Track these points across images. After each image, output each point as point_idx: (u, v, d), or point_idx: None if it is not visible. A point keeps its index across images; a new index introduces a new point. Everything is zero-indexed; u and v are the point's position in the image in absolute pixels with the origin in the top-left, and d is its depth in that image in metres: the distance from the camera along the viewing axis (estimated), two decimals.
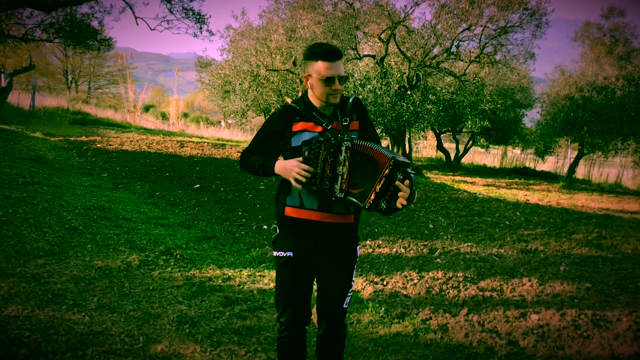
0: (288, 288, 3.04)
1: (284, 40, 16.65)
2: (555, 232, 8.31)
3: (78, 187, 9.10)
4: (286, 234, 3.03)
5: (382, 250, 6.94)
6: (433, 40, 14.05)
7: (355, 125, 3.05)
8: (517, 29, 13.54)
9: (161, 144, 15.31)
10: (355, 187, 2.85)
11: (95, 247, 6.02)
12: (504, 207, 10.14)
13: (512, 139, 21.78)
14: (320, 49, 2.91)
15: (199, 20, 9.84)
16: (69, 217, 6.88)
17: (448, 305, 5.22)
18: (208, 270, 5.70)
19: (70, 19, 10.61)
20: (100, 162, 11.82)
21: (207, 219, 8.11)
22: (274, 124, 3.05)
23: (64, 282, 4.84)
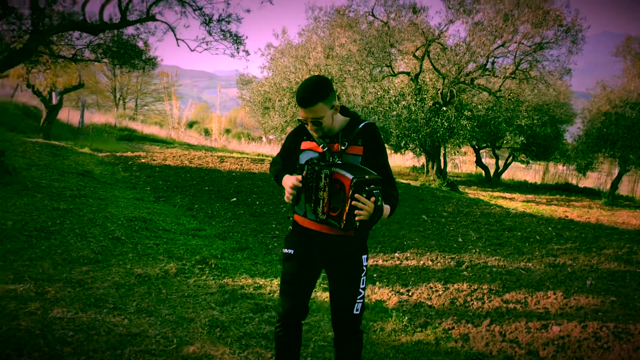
0: (287, 281, 3.33)
1: (322, 58, 17.00)
2: (586, 247, 8.31)
3: (122, 199, 9.56)
4: (293, 235, 3.35)
5: (410, 262, 7.11)
6: (467, 57, 14.18)
7: (358, 150, 3.18)
8: (553, 45, 13.55)
9: (202, 159, 15.78)
10: (334, 210, 3.07)
11: (136, 256, 6.37)
12: (536, 222, 10.15)
13: (554, 155, 21.53)
14: (298, 93, 3.07)
15: (236, 41, 10.26)
16: (112, 227, 7.28)
17: (471, 316, 5.36)
18: (240, 279, 5.98)
19: (117, 40, 11.20)
20: (144, 177, 12.33)
21: (242, 231, 8.43)
22: (289, 140, 3.38)
23: (106, 288, 5.18)
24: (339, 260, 3.27)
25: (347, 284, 3.30)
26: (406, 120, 14.07)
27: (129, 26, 10.03)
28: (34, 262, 5.64)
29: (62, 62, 12.80)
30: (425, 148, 15.68)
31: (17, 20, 8.27)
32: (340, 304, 3.32)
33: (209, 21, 9.97)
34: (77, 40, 10.99)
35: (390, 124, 14.17)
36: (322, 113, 3.10)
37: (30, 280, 5.04)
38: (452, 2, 13.84)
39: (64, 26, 8.77)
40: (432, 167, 16.31)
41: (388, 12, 14.52)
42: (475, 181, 22.14)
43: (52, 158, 12.52)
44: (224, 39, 10.13)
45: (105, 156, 15.26)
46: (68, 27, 8.96)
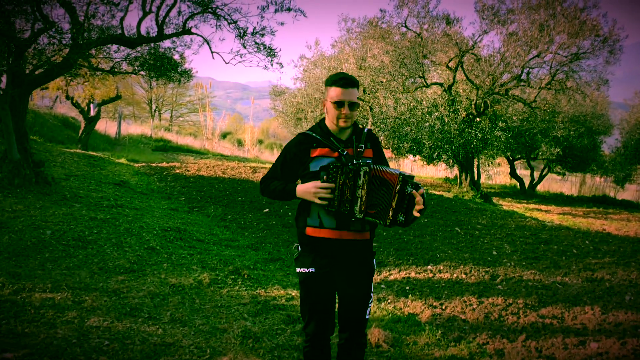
0: (311, 301, 3.31)
1: (354, 69, 17.05)
2: (624, 261, 8.11)
3: (157, 209, 9.71)
4: (307, 252, 3.29)
5: (443, 275, 7.05)
6: (501, 68, 14.04)
7: (369, 153, 3.32)
8: (589, 55, 13.33)
9: (235, 169, 15.93)
10: (372, 207, 3.10)
11: (170, 265, 6.46)
12: (573, 236, 9.95)
13: (591, 166, 21.15)
14: (336, 76, 3.20)
15: (270, 54, 10.35)
16: (147, 237, 7.40)
17: (506, 331, 5.27)
18: (273, 290, 6.01)
19: (154, 53, 11.40)
20: (179, 187, 12.51)
21: (274, 242, 8.47)
22: (292, 151, 3.31)
23: (141, 297, 5.26)
24: (354, 265, 3.30)
25: (362, 289, 3.33)
26: (439, 131, 13.99)
27: (165, 39, 10.22)
28: (72, 270, 5.77)
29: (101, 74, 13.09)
30: (458, 159, 15.55)
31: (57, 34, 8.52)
32: (353, 308, 3.33)
33: (244, 34, 10.10)
34: (115, 53, 11.23)
35: (423, 135, 14.11)
36: (357, 100, 3.22)
37: (68, 289, 5.14)
38: (486, 13, 13.76)
39: (103, 40, 8.99)
40: (466, 178, 16.15)
41: (421, 24, 14.50)
42: (509, 193, 21.83)
43: (89, 168, 12.80)
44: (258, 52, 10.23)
45: (141, 167, 15.53)
46: (107, 40, 9.18)
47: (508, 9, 13.71)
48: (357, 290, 3.32)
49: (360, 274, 3.33)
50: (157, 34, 9.76)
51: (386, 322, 5.33)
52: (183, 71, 12.32)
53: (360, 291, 3.32)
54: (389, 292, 6.31)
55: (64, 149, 15.96)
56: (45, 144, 16.04)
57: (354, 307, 3.33)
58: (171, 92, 48.20)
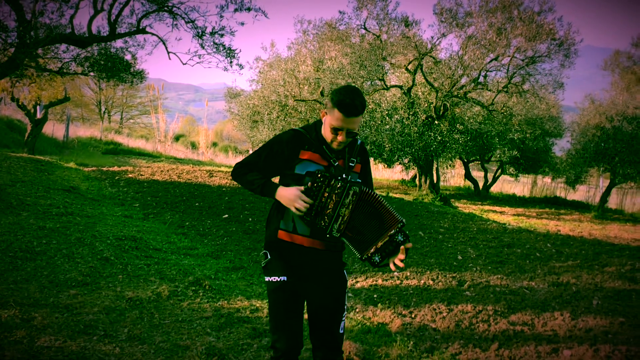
0: (283, 314, 3.06)
1: (312, 71, 16.88)
2: (587, 264, 8.15)
3: (110, 217, 9.27)
4: (277, 258, 3.06)
5: (410, 282, 6.90)
6: (460, 71, 14.08)
7: (358, 168, 3.16)
8: (546, 58, 13.50)
9: (191, 173, 15.51)
10: (353, 231, 2.95)
11: (127, 277, 6.10)
12: (535, 239, 9.99)
13: (542, 168, 21.56)
14: (345, 99, 2.91)
15: (229, 55, 10.04)
16: (101, 247, 7.00)
17: (478, 340, 5.15)
18: (236, 301, 5.73)
19: (105, 53, 10.94)
20: (132, 192, 12.03)
21: (235, 249, 8.17)
22: (281, 145, 3.08)
23: (96, 313, 4.91)
24: (325, 277, 3.11)
25: (334, 302, 3.12)
26: (399, 134, 13.93)
27: (118, 39, 9.78)
28: (19, 285, 5.38)
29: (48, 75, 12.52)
30: (418, 162, 15.54)
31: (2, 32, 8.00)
32: (326, 324, 3.12)
33: (202, 34, 9.75)
34: (64, 54, 10.73)
35: (383, 138, 14.01)
36: (357, 127, 3.03)
37: (16, 306, 4.78)
38: (444, 16, 13.78)
39: (52, 39, 8.51)
40: (425, 181, 16.15)
41: (380, 26, 14.42)
42: (464, 194, 22.05)
43: (37, 174, 12.20)
44: (217, 52, 9.91)
45: (92, 171, 14.96)
46: (56, 39, 8.70)
47: (466, 12, 13.79)
48: (330, 302, 3.11)
49: (332, 285, 3.13)
50: (109, 33, 9.33)
51: (356, 333, 5.14)
52: (135, 72, 11.90)
53: (333, 304, 3.11)
54: (356, 301, 6.12)
55: (10, 153, 15.23)
56: None
57: (327, 321, 3.12)
58: (121, 93, 47.20)
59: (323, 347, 3.13)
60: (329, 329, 3.12)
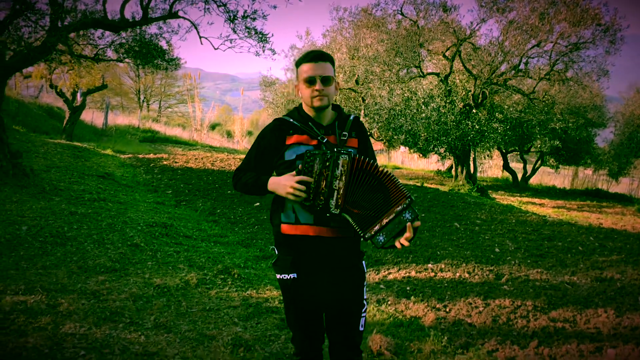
0: (299, 311, 2.93)
1: (347, 59, 16.65)
2: (633, 259, 7.77)
3: (142, 203, 9.25)
4: (286, 254, 2.91)
5: (445, 274, 6.67)
6: (500, 57, 13.64)
7: (354, 143, 2.94)
8: (590, 45, 12.95)
9: (224, 161, 15.49)
10: (354, 206, 2.72)
11: (155, 264, 6.04)
12: (576, 232, 9.61)
13: (584, 159, 20.91)
14: (305, 53, 2.88)
15: (262, 39, 9.88)
16: (131, 233, 6.96)
17: (516, 337, 4.91)
18: (265, 291, 5.61)
19: (139, 39, 10.92)
20: (166, 179, 12.04)
21: (265, 238, 8.05)
22: (266, 139, 2.94)
23: (123, 300, 4.84)
24: (340, 269, 2.89)
25: (351, 297, 2.91)
26: (435, 122, 13.58)
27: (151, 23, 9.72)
28: (48, 270, 5.35)
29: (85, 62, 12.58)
30: (455, 152, 15.17)
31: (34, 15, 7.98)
32: (343, 320, 2.92)
33: (234, 18, 9.59)
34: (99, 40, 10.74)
35: (419, 127, 13.69)
36: (331, 74, 2.86)
37: (43, 291, 4.72)
38: (484, 1, 13.33)
39: (84, 23, 8.48)
40: (462, 171, 15.78)
41: (417, 11, 14.06)
42: (502, 186, 21.56)
43: (73, 160, 12.31)
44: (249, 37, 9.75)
45: (128, 158, 15.05)
46: (88, 24, 8.67)
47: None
48: (347, 297, 2.91)
49: (348, 279, 2.91)
50: (142, 17, 9.24)
51: (387, 326, 4.95)
52: (171, 59, 11.86)
53: (350, 299, 2.91)
54: (388, 293, 5.93)
55: (48, 139, 15.42)
56: (28, 134, 15.48)
57: (344, 318, 2.92)
58: (159, 82, 47.66)
59: (340, 345, 2.95)
60: (346, 327, 2.93)
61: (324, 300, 2.95)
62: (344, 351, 2.93)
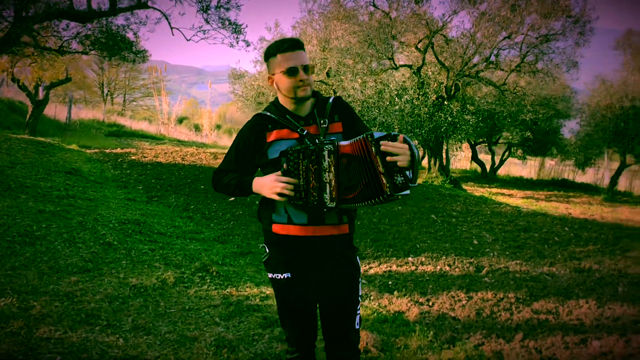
0: (292, 310, 2.80)
1: (317, 51, 16.50)
2: (609, 249, 7.86)
3: (113, 200, 8.98)
4: (279, 253, 2.75)
5: (426, 267, 6.62)
6: (472, 50, 13.66)
7: (338, 127, 2.74)
8: (560, 37, 13.07)
9: (195, 155, 15.21)
10: (349, 191, 2.52)
11: (130, 263, 5.84)
12: (551, 222, 9.69)
13: (550, 150, 21.19)
14: (277, 43, 2.66)
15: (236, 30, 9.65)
16: (103, 231, 6.73)
17: (501, 329, 4.87)
18: (245, 288, 5.47)
19: (106, 31, 10.58)
20: (135, 175, 11.74)
21: (242, 234, 7.88)
22: (246, 136, 2.76)
23: (98, 301, 4.65)
24: (335, 266, 2.73)
25: (347, 294, 2.76)
26: (409, 114, 13.54)
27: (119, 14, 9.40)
28: (18, 271, 5.12)
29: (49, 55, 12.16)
30: (428, 144, 15.17)
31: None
32: (339, 319, 2.78)
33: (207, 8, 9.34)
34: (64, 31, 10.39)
35: (392, 119, 13.64)
36: (307, 60, 2.67)
37: (13, 294, 4.51)
38: None
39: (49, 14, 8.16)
40: (435, 163, 15.81)
41: (390, 2, 13.97)
42: (471, 177, 21.75)
43: (38, 155, 11.91)
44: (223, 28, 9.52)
45: (94, 153, 14.65)
46: (54, 14, 8.35)
47: None
48: (342, 295, 2.76)
49: (343, 275, 2.76)
50: (110, 7, 8.92)
51: (372, 322, 4.86)
52: (138, 51, 11.55)
53: (345, 296, 2.76)
54: (371, 288, 5.85)
55: (10, 134, 14.91)
56: None
57: (340, 316, 2.78)
58: (124, 75, 46.86)
59: (337, 345, 2.80)
60: (342, 325, 2.78)
61: (319, 299, 2.82)
62: (342, 351, 2.80)
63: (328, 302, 2.80)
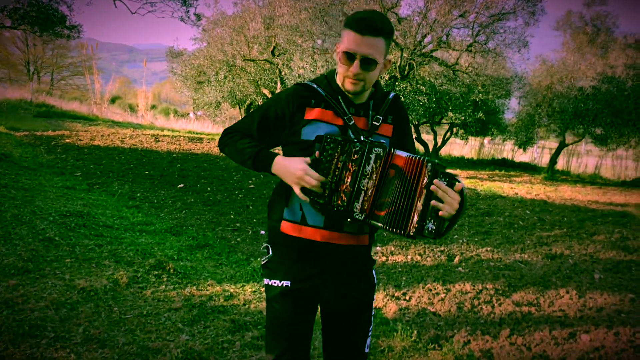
0: (285, 328, 2.28)
1: (262, 29, 15.90)
2: (575, 233, 7.78)
3: (50, 189, 8.22)
4: (282, 257, 2.29)
5: (396, 258, 6.30)
6: (426, 29, 13.39)
7: (388, 130, 2.29)
8: (511, 16, 12.98)
9: (134, 138, 14.41)
10: (381, 208, 2.10)
11: (75, 261, 5.24)
12: (512, 205, 9.59)
13: (491, 130, 21.38)
14: (359, 14, 2.12)
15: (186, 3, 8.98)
16: (42, 225, 6.06)
17: (485, 324, 4.60)
18: (207, 287, 4.98)
19: (37, 4, 9.66)
20: (72, 160, 10.90)
21: (196, 224, 7.33)
22: (280, 105, 2.25)
23: (43, 309, 4.09)
24: (346, 279, 2.30)
25: (359, 313, 2.34)
26: None
27: None
28: None
29: None
30: None
31: None
32: (349, 342, 2.35)
33: None
34: None
35: None
36: (379, 55, 2.13)
37: None
38: None
39: None
40: None
41: None
42: None
43: None
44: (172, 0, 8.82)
45: (24, 136, 13.63)
46: None
47: None
48: (355, 317, 2.34)
49: (355, 291, 2.33)
50: None
51: None
52: (72, 26, 10.66)
53: (359, 319, 2.34)
54: None
55: None
56: None
57: (351, 341, 2.35)
58: (51, 53, 44.39)
59: None
60: (349, 348, 2.36)
61: (324, 314, 2.39)
62: None
63: (334, 319, 2.37)
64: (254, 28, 16.15)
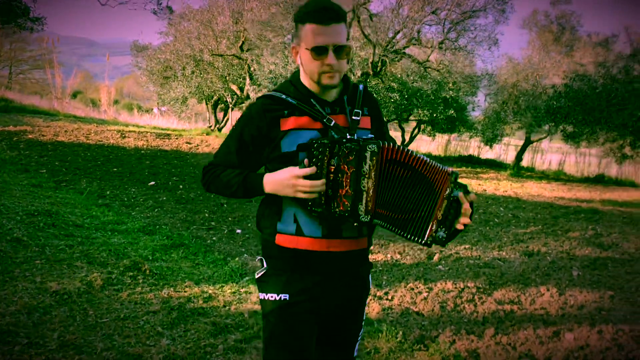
0: (284, 344, 2.17)
1: (230, 23, 15.71)
2: (550, 230, 7.86)
3: (15, 187, 7.90)
4: (278, 269, 2.17)
5: (376, 256, 6.24)
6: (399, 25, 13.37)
7: (366, 123, 2.21)
8: (481, 13, 13.07)
9: (100, 134, 14.05)
10: (388, 208, 2.05)
11: (46, 263, 5.03)
12: (485, 202, 9.66)
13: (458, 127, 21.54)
14: (310, 6, 2.02)
15: None
16: (9, 226, 5.81)
17: (468, 324, 4.58)
18: (184, 288, 4.84)
19: None
20: (36, 156, 10.55)
21: (170, 223, 7.14)
22: (254, 124, 2.13)
23: (14, 314, 3.90)
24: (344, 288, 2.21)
25: (351, 317, 2.27)
26: None
27: None
28: None
29: None
30: None
31: None
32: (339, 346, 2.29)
33: None
34: None
35: None
36: (346, 41, 2.05)
37: None
38: None
39: None
40: None
41: None
42: None
43: None
44: None
45: None
46: None
47: None
48: (345, 317, 2.26)
49: (353, 297, 2.26)
50: None
51: None
52: (36, 18, 10.32)
53: (349, 319, 2.27)
54: None
55: None
56: None
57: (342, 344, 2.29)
58: (9, 46, 43.10)
59: None
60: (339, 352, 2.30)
61: (318, 323, 2.29)
62: None
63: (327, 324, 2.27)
64: (222, 22, 15.95)
